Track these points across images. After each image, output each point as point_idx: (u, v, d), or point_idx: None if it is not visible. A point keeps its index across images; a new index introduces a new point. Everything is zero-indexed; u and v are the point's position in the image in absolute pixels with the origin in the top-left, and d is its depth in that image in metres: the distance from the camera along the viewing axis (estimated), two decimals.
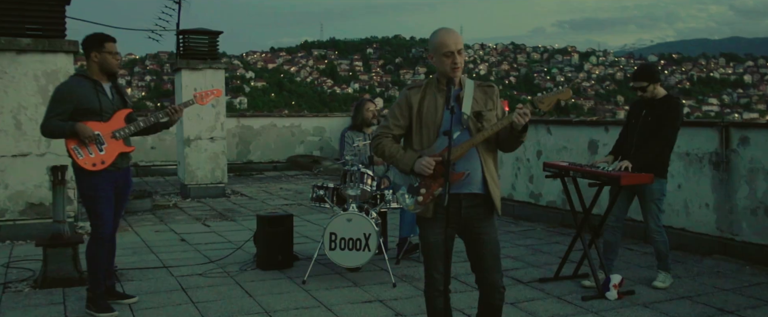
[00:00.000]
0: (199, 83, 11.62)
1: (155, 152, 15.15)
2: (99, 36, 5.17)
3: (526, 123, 3.67)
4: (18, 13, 7.98)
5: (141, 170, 15.06)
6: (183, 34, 11.91)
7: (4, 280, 6.08)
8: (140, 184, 13.62)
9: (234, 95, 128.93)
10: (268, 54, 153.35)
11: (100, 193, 5.07)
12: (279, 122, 16.18)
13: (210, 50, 11.93)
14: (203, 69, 11.69)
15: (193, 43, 11.80)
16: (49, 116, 4.99)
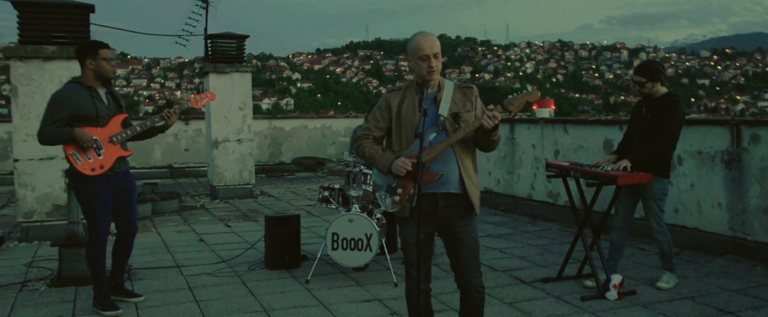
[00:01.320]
0: (226, 86, 11.86)
1: (189, 154, 15.49)
2: (93, 43, 5.35)
3: (496, 124, 3.71)
4: (45, 22, 8.28)
5: (175, 171, 15.42)
6: (211, 38, 12.16)
7: (24, 279, 6.33)
8: (173, 186, 13.96)
9: (280, 97, 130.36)
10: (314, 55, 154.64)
11: (98, 198, 5.23)
12: (310, 123, 16.39)
13: (237, 54, 12.14)
14: (230, 72, 11.91)
15: (221, 47, 12.03)
16: (46, 124, 5.14)
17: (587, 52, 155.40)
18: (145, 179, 13.94)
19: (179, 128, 15.61)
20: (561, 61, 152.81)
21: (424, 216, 3.85)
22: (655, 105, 5.66)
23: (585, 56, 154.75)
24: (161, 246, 7.80)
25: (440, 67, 3.94)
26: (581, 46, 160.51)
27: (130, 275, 6.40)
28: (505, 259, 6.92)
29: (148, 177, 14.86)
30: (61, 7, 8.36)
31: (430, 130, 3.83)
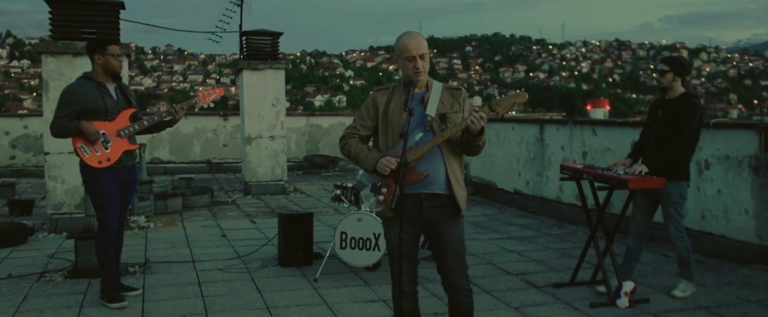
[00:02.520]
0: (260, 82, 11.95)
1: (227, 149, 15.67)
2: (102, 39, 5.44)
3: (482, 127, 3.62)
4: (76, 18, 8.46)
5: (214, 166, 15.62)
6: (245, 35, 12.26)
7: (43, 269, 6.47)
8: (210, 181, 14.14)
9: (333, 94, 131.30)
10: (367, 53, 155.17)
11: (106, 189, 5.32)
12: (347, 120, 16.37)
13: (272, 51, 12.21)
14: (263, 69, 11.99)
15: (256, 44, 12.12)
16: (57, 117, 5.27)
17: (645, 52, 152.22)
18: (183, 174, 14.17)
19: (218, 124, 15.82)
20: (618, 60, 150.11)
21: (409, 217, 3.80)
22: (671, 107, 5.47)
23: (643, 56, 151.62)
24: (183, 241, 7.89)
25: (427, 68, 3.88)
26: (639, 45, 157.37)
27: (145, 268, 6.49)
28: (521, 262, 6.79)
29: (187, 172, 15.13)
30: (92, 4, 8.53)
31: (416, 130, 3.77)
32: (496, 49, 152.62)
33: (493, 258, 6.94)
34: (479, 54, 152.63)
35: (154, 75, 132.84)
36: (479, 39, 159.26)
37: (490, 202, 10.97)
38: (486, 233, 8.37)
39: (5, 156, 14.95)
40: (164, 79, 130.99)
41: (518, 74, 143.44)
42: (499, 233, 8.30)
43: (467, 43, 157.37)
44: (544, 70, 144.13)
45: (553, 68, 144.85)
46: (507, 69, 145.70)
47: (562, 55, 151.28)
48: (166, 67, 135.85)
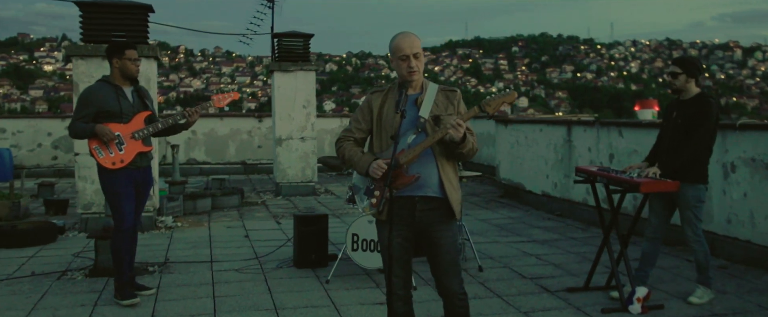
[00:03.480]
0: (290, 84, 12.04)
1: (262, 150, 15.82)
2: (119, 44, 5.55)
3: (464, 135, 3.57)
4: (106, 21, 8.64)
5: (248, 167, 15.80)
6: (277, 37, 12.37)
7: (66, 268, 6.62)
8: (244, 182, 14.31)
9: None
10: None
11: (120, 189, 5.43)
12: None
13: (303, 52, 12.29)
14: (294, 71, 12.08)
15: (287, 46, 12.21)
16: (75, 119, 5.42)
17: (697, 51, 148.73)
18: (217, 175, 14.36)
19: (253, 126, 15.99)
20: (669, 60, 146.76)
21: (401, 220, 3.78)
22: (686, 108, 5.34)
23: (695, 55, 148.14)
24: (205, 241, 7.99)
25: (422, 68, 3.84)
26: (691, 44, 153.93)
27: (164, 268, 6.60)
28: (538, 266, 6.69)
29: (223, 173, 15.32)
30: (122, 7, 8.69)
31: (409, 132, 3.75)
32: (543, 50, 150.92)
33: (510, 262, 6.87)
34: (526, 54, 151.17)
35: (203, 77, 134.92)
36: (526, 39, 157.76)
37: (518, 204, 10.86)
38: (508, 236, 8.28)
39: (48, 156, 15.36)
40: (213, 81, 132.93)
41: (566, 75, 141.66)
42: (521, 237, 8.21)
43: (514, 43, 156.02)
44: (591, 71, 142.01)
45: (601, 68, 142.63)
46: (554, 69, 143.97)
47: (611, 55, 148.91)
48: (215, 69, 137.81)
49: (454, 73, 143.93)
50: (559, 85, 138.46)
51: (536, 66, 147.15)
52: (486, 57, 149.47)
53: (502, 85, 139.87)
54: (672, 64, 5.51)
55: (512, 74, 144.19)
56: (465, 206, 10.73)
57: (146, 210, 8.72)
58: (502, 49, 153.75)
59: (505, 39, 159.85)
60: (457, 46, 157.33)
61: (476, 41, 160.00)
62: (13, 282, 6.13)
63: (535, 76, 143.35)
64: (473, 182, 14.17)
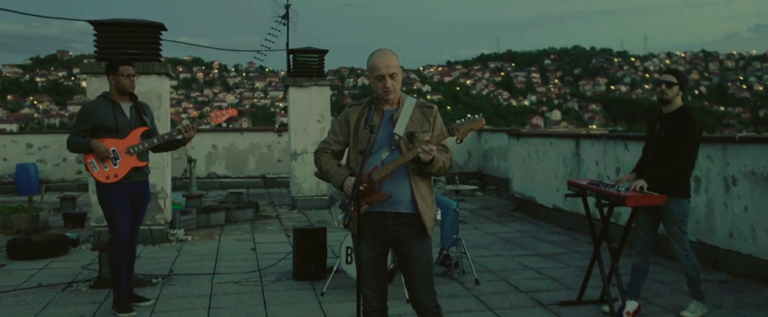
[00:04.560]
0: (305, 99, 12.19)
1: (281, 164, 15.98)
2: (115, 61, 5.73)
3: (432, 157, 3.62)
4: (119, 40, 8.86)
5: (268, 181, 15.97)
6: (292, 52, 12.54)
7: (72, 280, 6.79)
8: (263, 195, 14.47)
9: None
10: (444, 67, 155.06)
11: (115, 204, 5.57)
12: None
13: (318, 68, 12.44)
14: (309, 86, 12.23)
15: (302, 61, 12.37)
16: (72, 134, 5.58)
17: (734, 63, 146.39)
18: (237, 189, 14.54)
19: (272, 140, 16.18)
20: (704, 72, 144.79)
21: (374, 234, 3.84)
22: (668, 120, 5.33)
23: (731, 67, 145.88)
24: (212, 254, 8.12)
25: (398, 87, 3.88)
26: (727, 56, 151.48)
27: (166, 280, 6.73)
28: (536, 280, 6.69)
29: (243, 186, 15.51)
30: (134, 26, 8.92)
31: (383, 149, 3.80)
32: (576, 62, 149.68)
33: (508, 275, 6.87)
34: (558, 67, 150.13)
35: (236, 92, 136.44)
36: (558, 52, 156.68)
37: (530, 218, 10.83)
38: (513, 249, 8.27)
39: (72, 171, 15.71)
40: (246, 95, 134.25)
41: (599, 87, 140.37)
42: (526, 250, 8.20)
43: (546, 56, 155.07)
44: (625, 83, 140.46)
45: (636, 81, 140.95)
46: (587, 82, 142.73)
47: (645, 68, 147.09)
48: (248, 84, 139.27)
49: (486, 87, 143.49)
50: (593, 98, 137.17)
51: (569, 79, 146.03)
52: (518, 70, 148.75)
53: (535, 98, 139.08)
54: (669, 73, 5.48)
55: (545, 87, 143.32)
56: (476, 219, 10.76)
57: (157, 224, 8.90)
58: (534, 62, 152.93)
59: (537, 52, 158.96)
60: (489, 59, 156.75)
61: (508, 54, 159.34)
62: (19, 293, 6.31)
63: (567, 90, 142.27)
64: (489, 195, 14.16)
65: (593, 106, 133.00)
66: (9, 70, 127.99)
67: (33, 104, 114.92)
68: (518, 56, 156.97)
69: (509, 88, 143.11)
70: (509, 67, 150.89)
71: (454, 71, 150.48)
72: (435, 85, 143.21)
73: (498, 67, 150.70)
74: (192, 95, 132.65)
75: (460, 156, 16.57)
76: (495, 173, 15.40)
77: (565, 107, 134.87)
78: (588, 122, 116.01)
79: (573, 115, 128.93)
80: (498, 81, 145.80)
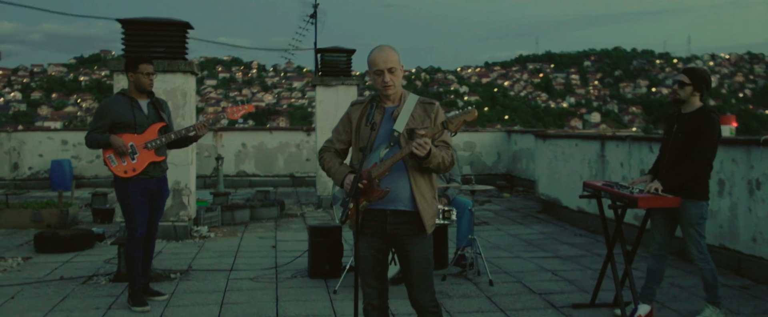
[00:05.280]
0: (332, 98, 12.23)
1: (310, 163, 16.06)
2: (134, 59, 5.82)
3: (428, 151, 3.58)
4: (146, 38, 9.00)
5: (296, 180, 16.07)
6: (321, 52, 12.60)
7: (93, 273, 6.92)
8: (290, 194, 14.56)
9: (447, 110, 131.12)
10: (482, 68, 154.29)
11: (132, 199, 5.67)
12: None
13: (346, 67, 12.48)
14: (336, 85, 12.27)
15: (330, 61, 12.42)
16: (91, 130, 5.70)
17: None
18: (267, 187, 14.66)
19: (301, 139, 16.28)
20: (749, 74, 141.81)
21: (374, 232, 3.85)
22: (686, 122, 5.23)
23: None
24: (232, 251, 8.20)
25: (398, 82, 3.87)
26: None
27: (184, 275, 6.82)
28: (551, 282, 6.62)
29: (272, 185, 15.63)
30: (161, 25, 9.05)
31: (383, 145, 3.80)
32: (617, 64, 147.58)
33: (524, 277, 6.81)
34: (598, 69, 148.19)
35: (274, 91, 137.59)
36: (598, 53, 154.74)
37: (554, 220, 10.72)
38: (534, 251, 8.20)
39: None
40: (284, 95, 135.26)
41: (640, 89, 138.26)
42: (546, 252, 8.12)
43: (585, 57, 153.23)
44: (667, 86, 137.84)
45: None
46: (628, 84, 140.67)
47: None
48: (286, 84, 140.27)
49: (524, 88, 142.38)
50: (633, 100, 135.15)
51: (609, 81, 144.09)
52: (557, 72, 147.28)
53: (574, 100, 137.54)
54: (682, 73, 5.40)
55: (584, 89, 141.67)
56: (500, 220, 10.69)
57: (181, 220, 9.02)
58: (573, 63, 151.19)
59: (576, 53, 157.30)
60: (528, 60, 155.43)
61: (547, 56, 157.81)
62: (40, 285, 6.45)
63: (607, 91, 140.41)
64: (517, 197, 14.06)
65: (633, 108, 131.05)
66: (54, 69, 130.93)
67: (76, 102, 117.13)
68: (557, 57, 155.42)
69: (548, 89, 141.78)
70: (548, 68, 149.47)
71: (492, 72, 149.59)
72: (472, 86, 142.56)
73: (536, 69, 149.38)
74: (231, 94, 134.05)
75: (489, 157, 16.49)
76: (524, 174, 15.28)
77: (605, 109, 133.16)
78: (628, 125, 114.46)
79: (612, 117, 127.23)
80: (536, 82, 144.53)
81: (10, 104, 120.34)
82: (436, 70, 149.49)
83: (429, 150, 3.57)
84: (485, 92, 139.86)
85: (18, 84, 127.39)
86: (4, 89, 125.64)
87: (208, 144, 15.77)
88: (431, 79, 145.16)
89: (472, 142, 16.48)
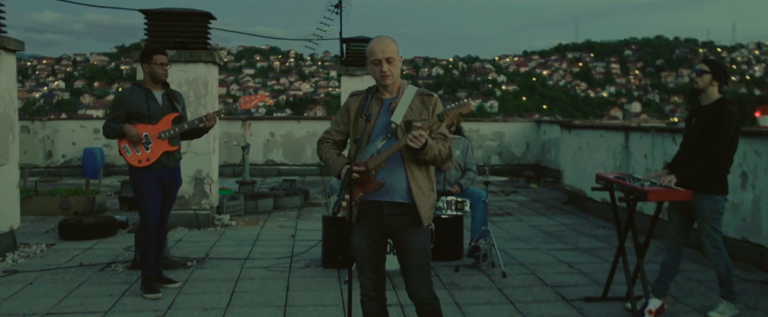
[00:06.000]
0: (356, 88, 12.19)
1: None
2: (149, 50, 5.89)
3: (424, 143, 3.53)
4: (169, 28, 9.10)
5: (323, 169, 16.11)
6: (346, 42, 12.59)
7: (112, 260, 7.03)
8: (317, 183, 14.63)
9: (485, 99, 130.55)
10: (521, 57, 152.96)
11: (146, 187, 5.75)
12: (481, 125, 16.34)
13: None
14: (360, 75, 12.29)
15: (355, 51, 12.42)
16: (108, 120, 5.78)
17: None
18: (295, 176, 14.75)
19: None
20: None
21: (371, 224, 3.83)
22: (705, 114, 5.10)
23: None
24: (251, 239, 8.26)
25: (396, 72, 3.85)
26: None
27: (200, 263, 6.90)
28: (567, 274, 6.54)
29: (299, 174, 15.72)
30: (183, 15, 9.14)
31: (380, 137, 3.78)
32: (658, 53, 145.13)
33: (539, 269, 6.74)
34: (639, 58, 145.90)
35: (312, 81, 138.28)
36: (639, 42, 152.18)
37: (579, 212, 10.58)
38: (553, 243, 8.11)
39: None
40: (321, 84, 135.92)
41: (682, 79, 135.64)
42: (565, 244, 8.02)
43: (626, 46, 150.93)
44: None
45: None
46: (669, 73, 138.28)
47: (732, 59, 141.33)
48: (324, 73, 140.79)
49: (562, 78, 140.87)
50: (675, 89, 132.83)
51: (651, 70, 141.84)
52: (597, 61, 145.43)
53: (614, 89, 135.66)
54: (701, 62, 5.28)
55: (624, 78, 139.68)
56: (523, 212, 10.59)
57: (203, 209, 9.12)
58: (613, 52, 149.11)
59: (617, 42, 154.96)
60: (567, 49, 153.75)
61: (587, 45, 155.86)
62: (59, 272, 6.58)
63: (648, 81, 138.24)
64: (544, 188, 13.91)
65: (675, 98, 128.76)
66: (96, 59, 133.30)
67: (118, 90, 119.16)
68: (597, 46, 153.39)
69: (587, 79, 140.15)
70: (588, 57, 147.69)
71: (531, 61, 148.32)
72: (510, 75, 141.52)
73: (576, 58, 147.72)
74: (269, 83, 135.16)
75: (518, 148, 16.34)
76: (552, 165, 15.12)
77: (646, 98, 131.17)
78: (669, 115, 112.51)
79: (654, 107, 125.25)
80: (575, 72, 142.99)
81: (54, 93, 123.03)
82: (473, 60, 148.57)
83: (425, 142, 3.53)
84: (523, 82, 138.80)
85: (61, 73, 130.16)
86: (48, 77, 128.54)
87: (237, 133, 15.91)
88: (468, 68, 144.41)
89: (501, 132, 16.35)
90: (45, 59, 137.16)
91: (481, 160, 16.09)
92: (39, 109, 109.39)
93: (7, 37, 7.40)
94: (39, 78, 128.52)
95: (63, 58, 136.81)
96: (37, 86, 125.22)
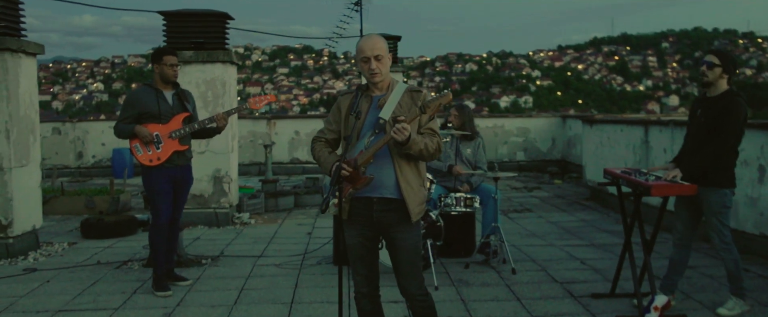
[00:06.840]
0: None
1: None
2: (159, 51, 5.99)
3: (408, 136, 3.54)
4: (187, 29, 9.21)
5: None
6: None
7: (129, 258, 7.16)
8: None
9: (519, 94, 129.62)
10: (555, 52, 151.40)
11: (157, 186, 5.85)
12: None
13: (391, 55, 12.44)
14: None
15: None
16: (119, 120, 5.90)
17: None
18: (314, 174, 14.83)
19: None
20: None
21: (361, 220, 3.86)
22: (711, 106, 5.01)
23: None
24: (268, 237, 8.34)
25: (385, 70, 3.88)
26: None
27: (214, 261, 6.99)
28: (577, 271, 6.49)
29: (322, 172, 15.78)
30: (201, 16, 9.24)
31: (368, 133, 3.80)
32: (696, 45, 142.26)
33: (550, 265, 6.70)
34: (677, 50, 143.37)
35: (345, 79, 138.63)
36: (677, 34, 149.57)
37: (600, 207, 10.47)
38: (569, 239, 8.04)
39: None
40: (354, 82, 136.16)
41: None
42: (581, 240, 7.95)
43: (663, 38, 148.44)
44: (751, 66, 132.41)
45: (763, 64, 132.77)
46: None
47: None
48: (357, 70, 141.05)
49: (598, 72, 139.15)
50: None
51: (689, 62, 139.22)
52: (633, 54, 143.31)
53: (651, 83, 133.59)
54: (710, 53, 5.17)
55: (662, 71, 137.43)
56: (544, 208, 10.52)
57: (222, 207, 9.22)
58: (650, 45, 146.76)
59: (653, 34, 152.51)
60: (603, 43, 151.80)
61: (623, 38, 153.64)
62: (77, 270, 6.72)
63: (686, 74, 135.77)
64: (568, 183, 13.79)
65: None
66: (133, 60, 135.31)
67: None
68: (634, 39, 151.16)
69: (623, 72, 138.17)
70: (623, 50, 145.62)
71: (566, 56, 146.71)
72: (545, 70, 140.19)
73: (611, 51, 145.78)
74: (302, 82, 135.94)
75: (543, 143, 16.21)
76: (577, 160, 14.96)
77: (684, 91, 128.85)
78: None
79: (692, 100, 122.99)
80: (611, 65, 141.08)
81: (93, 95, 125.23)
82: (507, 55, 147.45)
83: (408, 136, 3.54)
84: (558, 76, 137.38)
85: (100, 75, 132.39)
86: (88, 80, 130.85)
87: (262, 132, 16.04)
88: (502, 63, 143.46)
89: (526, 128, 16.23)
90: (84, 62, 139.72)
91: (506, 156, 16.00)
92: (79, 110, 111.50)
93: (27, 41, 7.57)
94: (78, 80, 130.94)
95: (101, 60, 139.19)
96: (77, 88, 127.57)
